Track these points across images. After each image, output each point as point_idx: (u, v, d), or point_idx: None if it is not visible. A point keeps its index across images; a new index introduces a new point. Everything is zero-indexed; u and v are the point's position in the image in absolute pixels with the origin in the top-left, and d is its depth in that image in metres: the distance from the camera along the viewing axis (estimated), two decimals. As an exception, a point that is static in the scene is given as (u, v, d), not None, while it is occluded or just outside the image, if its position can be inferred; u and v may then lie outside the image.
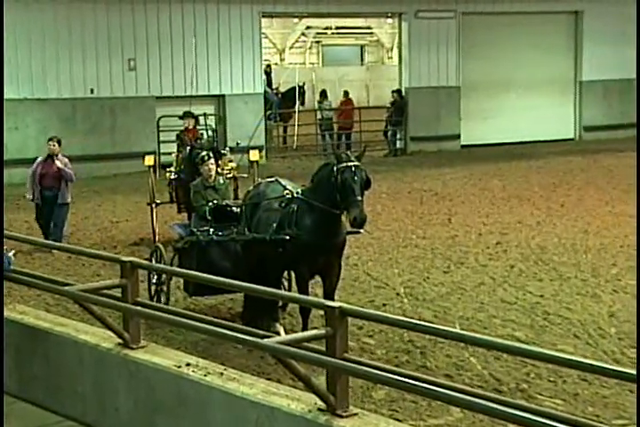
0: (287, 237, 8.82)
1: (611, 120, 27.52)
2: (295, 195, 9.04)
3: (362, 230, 9.00)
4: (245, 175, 14.21)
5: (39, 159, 13.92)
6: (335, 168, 8.55)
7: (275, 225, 9.02)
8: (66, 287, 7.75)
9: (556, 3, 26.61)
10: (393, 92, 26.16)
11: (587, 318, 9.88)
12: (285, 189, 9.29)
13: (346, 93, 27.91)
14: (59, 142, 13.78)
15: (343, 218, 8.78)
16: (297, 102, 27.27)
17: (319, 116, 26.92)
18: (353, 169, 8.48)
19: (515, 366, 8.40)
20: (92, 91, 22.09)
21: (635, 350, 8.82)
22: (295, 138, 26.27)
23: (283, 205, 9.11)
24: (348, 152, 8.79)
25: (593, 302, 10.50)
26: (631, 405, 7.52)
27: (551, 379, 8.10)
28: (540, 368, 8.25)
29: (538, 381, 8.09)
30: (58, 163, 13.66)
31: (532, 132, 26.54)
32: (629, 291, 10.88)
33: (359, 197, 8.42)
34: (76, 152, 21.58)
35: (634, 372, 4.85)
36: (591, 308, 10.25)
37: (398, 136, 25.64)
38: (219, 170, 11.52)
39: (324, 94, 27.49)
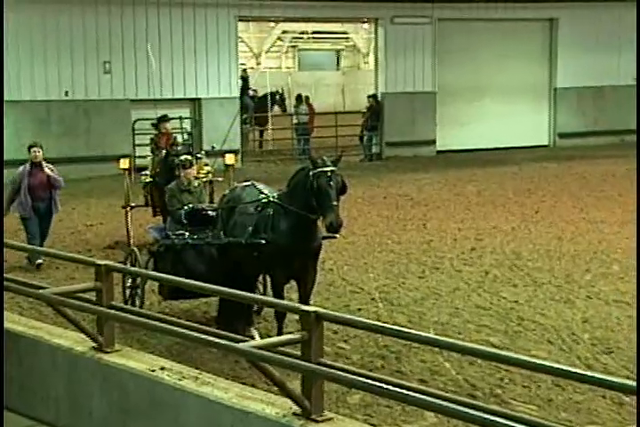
0: (263, 241, 8.81)
1: (585, 127, 27.71)
2: (271, 199, 9.03)
3: (337, 235, 9.01)
4: (221, 179, 14.19)
5: (22, 169, 12.82)
6: (311, 173, 8.55)
7: (250, 229, 9.00)
8: (40, 290, 7.70)
9: (532, 10, 26.77)
10: (369, 97, 26.22)
11: (560, 323, 9.93)
12: (261, 193, 9.28)
13: (306, 98, 27.95)
14: (41, 148, 13.01)
15: (319, 222, 8.78)
16: (274, 107, 27.27)
17: (295, 121, 26.91)
18: (328, 174, 8.47)
19: (489, 371, 8.42)
20: (66, 93, 21.99)
21: (607, 356, 8.88)
22: (271, 142, 26.26)
23: (259, 209, 9.10)
24: (324, 157, 8.76)
25: (567, 307, 10.56)
26: (603, 410, 7.57)
27: (525, 384, 8.13)
28: (513, 374, 8.28)
29: (512, 386, 8.12)
30: (47, 170, 12.86)
31: (506, 139, 26.67)
32: (602, 297, 10.95)
33: (335, 203, 8.40)
34: (50, 155, 21.33)
35: (609, 378, 4.89)
36: (565, 314, 10.30)
37: (374, 141, 25.68)
38: (194, 173, 11.50)
39: (299, 99, 27.51)
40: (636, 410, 4.64)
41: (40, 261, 12.57)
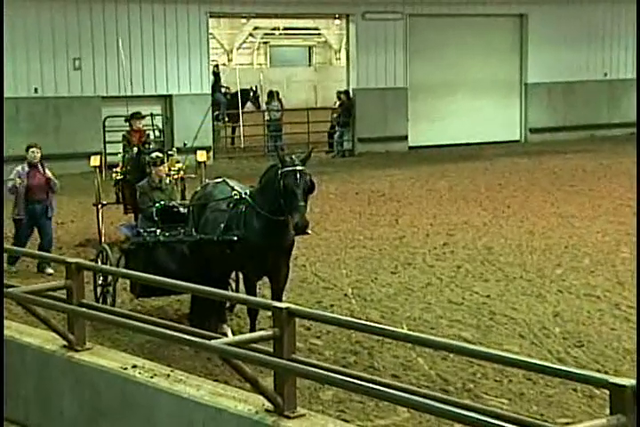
0: (235, 238, 8.79)
1: (555, 122, 27.88)
2: (243, 196, 9.00)
3: (309, 232, 8.99)
4: (193, 176, 14.14)
5: (20, 170, 12.41)
6: (279, 172, 8.51)
7: (222, 226, 8.98)
8: (9, 289, 7.63)
9: (502, 6, 26.87)
10: (338, 92, 26.27)
11: (532, 318, 9.98)
12: (233, 189, 9.26)
13: (277, 94, 27.89)
14: (40, 149, 12.54)
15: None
16: (246, 104, 27.20)
17: (267, 118, 26.85)
18: (296, 173, 8.42)
19: (461, 366, 8.45)
20: (35, 90, 21.82)
21: (578, 349, 8.93)
22: (242, 139, 26.20)
23: (231, 205, 9.07)
24: (293, 155, 8.70)
25: (538, 302, 10.62)
26: (574, 403, 7.62)
27: (497, 378, 8.17)
28: (486, 368, 8.31)
29: (484, 380, 8.15)
30: (48, 172, 12.49)
31: (478, 134, 26.77)
32: (573, 291, 11.02)
33: (301, 203, 8.33)
34: (19, 153, 21.35)
35: (580, 371, 4.91)
36: (536, 308, 10.36)
37: (346, 137, 25.69)
38: (165, 171, 11.45)
39: (271, 95, 27.46)
40: (608, 402, 4.67)
41: (51, 271, 12.13)
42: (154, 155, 11.02)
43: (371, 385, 5.30)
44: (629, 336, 9.19)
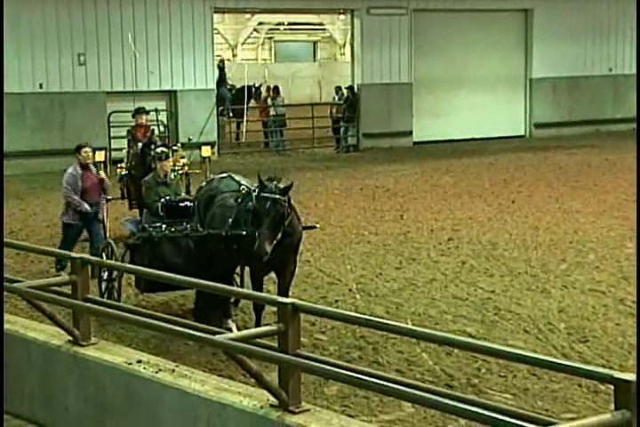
0: (244, 233, 8.77)
1: (560, 117, 27.84)
2: (251, 192, 8.97)
3: (317, 226, 8.99)
4: (197, 171, 14.15)
5: (73, 171, 11.59)
6: (253, 195, 8.50)
7: (230, 221, 8.97)
8: (14, 284, 7.64)
9: (507, 1, 26.85)
10: (337, 88, 26.32)
11: (537, 313, 9.97)
12: (240, 184, 9.26)
13: (268, 89, 27.86)
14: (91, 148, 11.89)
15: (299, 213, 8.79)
16: (251, 100, 27.19)
17: (273, 113, 26.81)
18: (269, 202, 8.40)
19: (466, 361, 8.45)
20: (40, 86, 21.83)
21: (583, 345, 8.93)
22: (244, 134, 26.20)
23: (239, 201, 9.06)
24: (275, 183, 8.55)
25: (543, 297, 10.61)
26: (579, 398, 7.62)
27: (502, 374, 8.16)
28: (490, 363, 8.31)
29: (488, 376, 8.15)
30: (101, 172, 11.84)
31: (483, 129, 26.76)
32: (578, 286, 11.01)
33: (265, 231, 8.35)
34: (24, 148, 21.44)
35: (585, 367, 4.91)
36: (541, 303, 10.35)
37: (350, 133, 25.68)
38: (171, 166, 11.46)
39: (276, 90, 27.43)
40: (613, 398, 4.67)
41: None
42: (159, 150, 11.02)
43: (375, 380, 5.30)
44: (634, 331, 9.18)
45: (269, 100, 26.82)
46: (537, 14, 27.12)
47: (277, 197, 8.45)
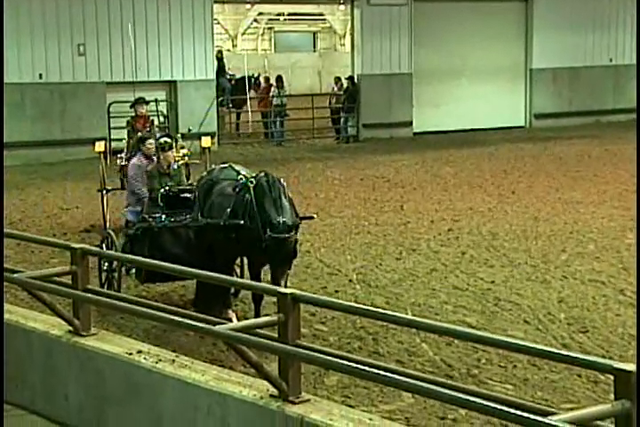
0: (242, 222, 8.78)
1: (560, 108, 27.80)
2: (248, 184, 8.96)
3: (315, 216, 9.03)
4: (198, 162, 14.13)
5: (138, 162, 11.51)
6: (266, 235, 8.49)
7: (228, 211, 8.97)
8: (15, 275, 7.64)
9: (508, -9, 26.78)
10: (337, 78, 26.24)
11: (537, 303, 9.98)
12: (239, 174, 9.26)
13: (266, 79, 27.74)
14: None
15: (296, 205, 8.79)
16: (251, 90, 27.13)
17: (277, 102, 26.61)
18: (280, 241, 8.51)
19: (466, 351, 8.46)
20: (40, 76, 21.79)
21: (583, 335, 8.94)
22: (247, 124, 26.16)
23: (237, 190, 9.06)
24: (286, 219, 8.59)
25: (543, 287, 10.61)
26: (579, 389, 7.63)
27: (501, 364, 8.17)
28: (490, 354, 8.32)
29: (488, 366, 8.16)
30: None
31: (483, 120, 26.71)
32: (578, 277, 11.01)
33: (279, 268, 8.80)
34: (24, 138, 21.40)
35: (585, 357, 4.91)
36: (541, 293, 10.35)
37: (350, 123, 25.64)
38: (174, 156, 11.42)
39: (280, 80, 27.20)
40: (613, 388, 4.67)
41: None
42: (162, 140, 10.97)
43: (375, 371, 5.30)
44: (634, 322, 9.19)
45: (273, 90, 26.64)
46: (537, 4, 27.05)
47: (287, 235, 8.56)
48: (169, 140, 10.99)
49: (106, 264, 10.15)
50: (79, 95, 22.15)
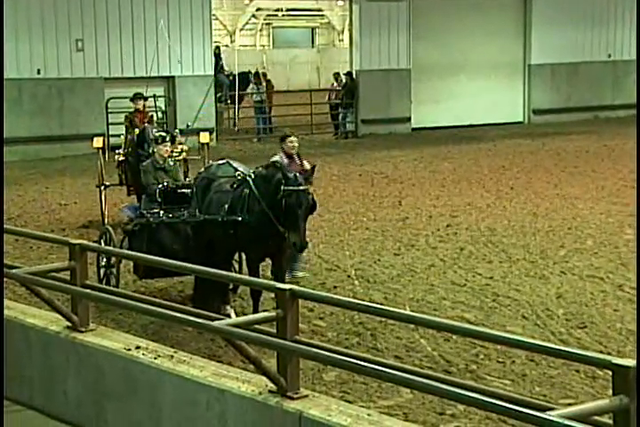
0: (239, 219, 8.79)
1: (559, 103, 27.80)
2: (247, 179, 8.97)
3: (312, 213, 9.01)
4: (196, 157, 14.13)
5: (280, 160, 9.98)
6: (282, 188, 8.46)
7: (226, 207, 8.98)
8: (13, 270, 7.64)
9: (506, -14, 26.76)
10: (336, 74, 26.22)
11: (535, 299, 9.98)
12: (237, 170, 9.26)
13: (263, 75, 27.71)
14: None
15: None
16: (248, 85, 27.11)
17: (257, 99, 26.57)
18: (299, 194, 8.44)
19: (464, 347, 8.46)
20: (38, 71, 21.76)
21: (581, 331, 8.94)
22: (244, 120, 26.14)
23: (234, 186, 9.07)
24: (297, 174, 8.63)
25: (541, 283, 10.62)
26: (577, 384, 7.64)
27: (500, 360, 8.18)
28: (489, 349, 8.32)
29: (487, 361, 8.17)
30: (305, 163, 10.68)
31: (481, 116, 26.72)
32: (576, 272, 11.02)
33: (301, 224, 8.46)
34: (22, 134, 21.38)
35: (583, 353, 4.91)
36: (539, 289, 10.36)
37: (349, 119, 25.63)
38: (168, 151, 11.42)
39: (257, 76, 27.12)
40: (611, 383, 4.68)
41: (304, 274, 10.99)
42: (157, 133, 10.97)
43: (374, 366, 5.31)
44: (632, 317, 9.20)
45: (251, 86, 26.64)
46: (536, 0, 27.03)
47: (303, 187, 8.49)
48: (164, 133, 10.99)
49: (104, 260, 10.15)
50: (77, 91, 22.12)
